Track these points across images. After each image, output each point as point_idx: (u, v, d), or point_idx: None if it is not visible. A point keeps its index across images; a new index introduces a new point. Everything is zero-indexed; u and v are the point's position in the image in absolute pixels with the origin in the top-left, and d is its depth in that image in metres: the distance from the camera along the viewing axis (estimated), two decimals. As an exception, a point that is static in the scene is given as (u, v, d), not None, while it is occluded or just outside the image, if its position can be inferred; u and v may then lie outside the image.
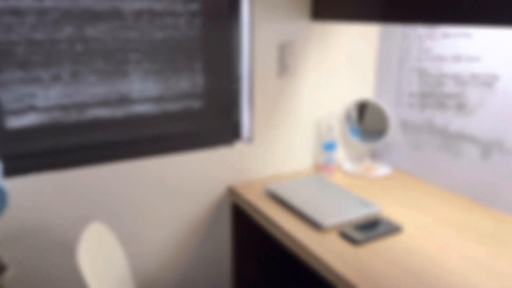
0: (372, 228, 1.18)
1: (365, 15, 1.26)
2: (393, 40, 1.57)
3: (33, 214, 1.21)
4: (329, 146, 1.55)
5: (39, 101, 1.17)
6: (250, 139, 1.51)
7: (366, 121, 1.64)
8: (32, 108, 1.17)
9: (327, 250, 1.09)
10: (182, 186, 1.42)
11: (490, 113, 1.28)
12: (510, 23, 0.91)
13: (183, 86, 1.37)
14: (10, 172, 1.17)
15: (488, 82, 1.27)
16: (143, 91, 1.31)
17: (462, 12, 1.00)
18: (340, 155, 1.70)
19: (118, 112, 1.28)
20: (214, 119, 1.45)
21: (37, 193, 1.21)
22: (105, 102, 1.26)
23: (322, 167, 1.59)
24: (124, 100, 1.28)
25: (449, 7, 1.03)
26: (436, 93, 1.44)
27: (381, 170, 1.60)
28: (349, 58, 1.60)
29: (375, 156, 1.74)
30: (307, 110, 1.58)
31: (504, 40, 1.22)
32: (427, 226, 1.21)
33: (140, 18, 1.24)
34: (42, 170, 1.21)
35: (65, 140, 1.23)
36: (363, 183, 1.51)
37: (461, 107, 1.36)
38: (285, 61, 1.48)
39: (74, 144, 1.25)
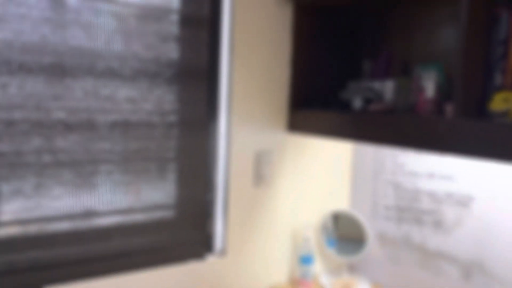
0: None
1: (338, 133, 1.28)
2: (367, 152, 1.60)
3: None
4: (306, 260, 1.48)
5: (-5, 216, 1.08)
6: (223, 252, 1.42)
7: (343, 232, 1.60)
8: (-14, 224, 1.07)
9: None
10: (146, 306, 1.29)
11: (468, 233, 1.27)
12: (482, 155, 0.93)
13: (155, 197, 1.31)
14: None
15: (464, 202, 1.28)
16: (112, 203, 1.23)
17: (432, 140, 1.01)
18: (318, 267, 1.63)
19: (82, 225, 1.19)
20: (186, 231, 1.37)
21: (-21, 321, 1.06)
22: (69, 216, 1.17)
23: (298, 282, 1.50)
24: (90, 213, 1.20)
25: (420, 134, 1.04)
26: (412, 208, 1.43)
27: (360, 287, 1.52)
28: (325, 169, 1.60)
29: (353, 268, 1.67)
30: (283, 221, 1.53)
31: (476, 163, 1.25)
32: None
33: (114, 129, 1.21)
34: (-12, 293, 1.08)
35: (21, 258, 1.12)
36: (341, 301, 1.42)
37: (438, 224, 1.35)
38: (261, 171, 1.46)
39: (31, 262, 1.13)
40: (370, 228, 1.56)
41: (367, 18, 1.53)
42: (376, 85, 1.39)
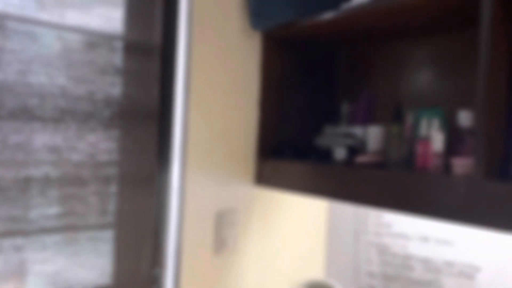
0: None
1: (315, 189, 1.06)
2: (346, 209, 1.37)
3: None
4: None
5: None
6: None
7: (319, 305, 1.34)
8: None
9: None
10: None
11: (474, 311, 1.06)
12: (471, 222, 0.76)
13: (84, 276, 0.99)
14: None
15: (467, 273, 1.07)
16: None
17: (443, 205, 0.82)
18: None
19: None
20: (125, 319, 1.05)
21: None
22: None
23: None
24: (-15, 307, 0.86)
25: (426, 196, 0.85)
26: (402, 277, 1.21)
27: None
28: (298, 229, 1.36)
29: None
30: (249, 296, 1.25)
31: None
32: None
33: (28, 188, 0.89)
34: None
35: None
36: None
37: (436, 298, 1.13)
38: (223, 234, 1.19)
39: None
40: (351, 299, 1.32)
41: (345, 54, 1.35)
42: (357, 130, 1.19)
